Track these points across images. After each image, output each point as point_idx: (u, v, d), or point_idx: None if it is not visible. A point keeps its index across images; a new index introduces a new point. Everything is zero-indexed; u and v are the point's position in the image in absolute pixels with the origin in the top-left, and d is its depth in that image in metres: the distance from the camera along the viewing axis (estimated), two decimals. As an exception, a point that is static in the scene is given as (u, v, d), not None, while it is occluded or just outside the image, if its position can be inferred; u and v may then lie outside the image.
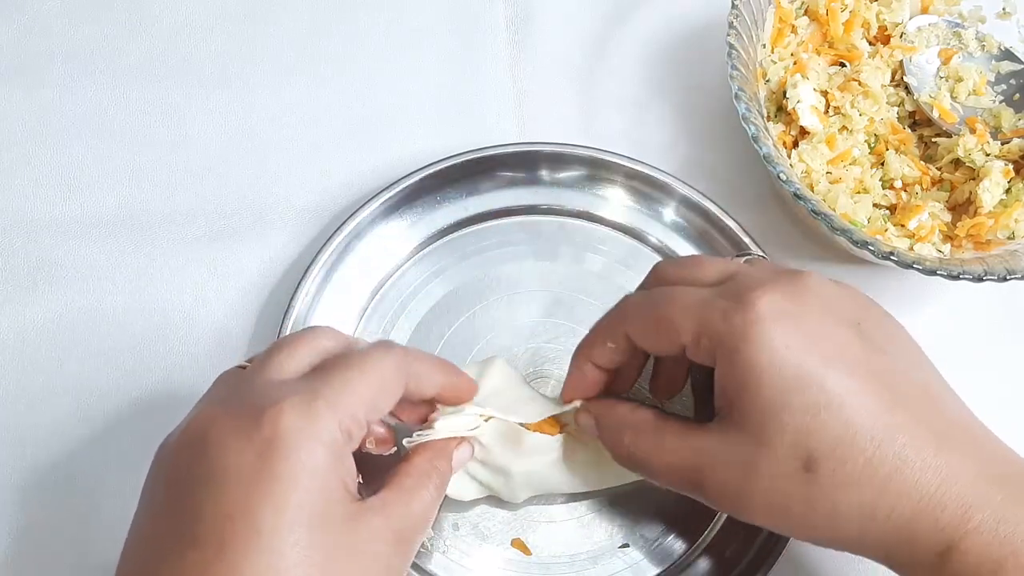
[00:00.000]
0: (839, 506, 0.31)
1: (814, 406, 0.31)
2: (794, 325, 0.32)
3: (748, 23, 0.49)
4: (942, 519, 0.30)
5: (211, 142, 0.52)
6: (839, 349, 0.32)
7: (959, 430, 0.32)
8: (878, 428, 0.31)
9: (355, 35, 0.56)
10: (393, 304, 0.47)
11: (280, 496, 0.29)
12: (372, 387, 0.33)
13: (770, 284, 0.33)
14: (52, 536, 0.43)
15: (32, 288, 0.48)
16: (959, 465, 0.31)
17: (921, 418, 0.31)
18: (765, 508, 0.33)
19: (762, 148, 0.45)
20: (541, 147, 0.49)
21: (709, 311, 0.33)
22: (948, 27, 0.54)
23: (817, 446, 0.31)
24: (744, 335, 0.31)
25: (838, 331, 0.32)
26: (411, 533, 0.34)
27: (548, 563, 0.42)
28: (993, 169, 0.48)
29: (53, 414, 0.46)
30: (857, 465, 0.31)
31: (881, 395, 0.31)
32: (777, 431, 0.31)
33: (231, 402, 0.32)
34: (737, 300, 0.32)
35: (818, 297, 0.33)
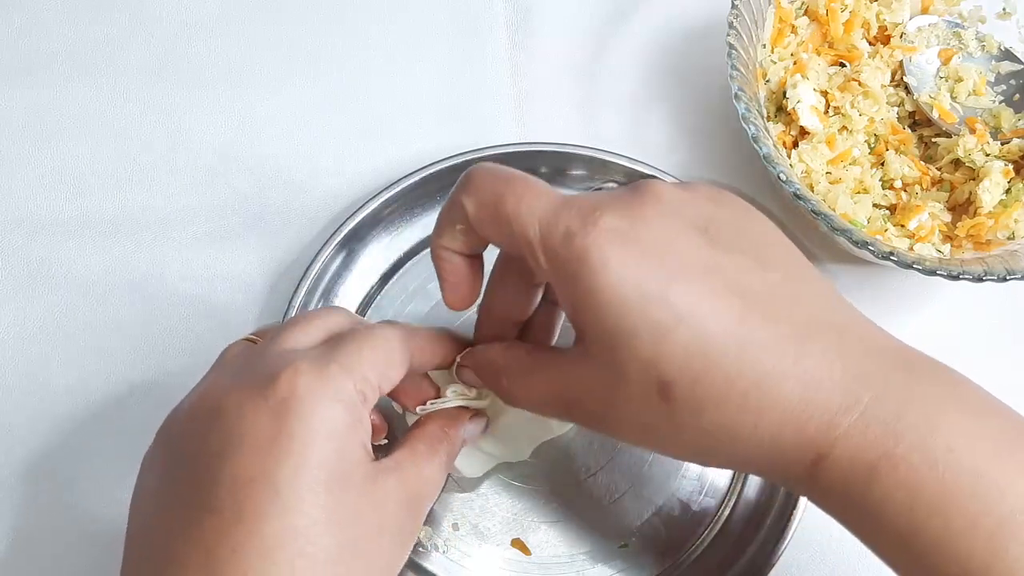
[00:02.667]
0: (703, 427, 0.29)
1: (660, 328, 0.28)
2: (635, 242, 0.29)
3: (748, 23, 0.49)
4: (808, 429, 0.28)
5: (211, 142, 0.52)
6: (683, 260, 0.29)
7: (821, 325, 0.30)
8: (730, 342, 0.28)
9: (355, 35, 0.56)
10: (393, 304, 0.47)
11: (299, 456, 0.29)
12: (381, 356, 0.33)
13: (611, 203, 0.30)
14: (52, 536, 0.43)
15: (32, 288, 0.48)
16: (822, 368, 0.28)
17: (777, 321, 0.29)
18: (632, 435, 0.32)
19: (762, 148, 0.45)
20: (541, 147, 0.49)
21: (552, 225, 0.30)
22: (948, 27, 0.54)
23: (669, 371, 0.29)
24: (583, 260, 0.29)
25: (682, 239, 0.30)
26: (422, 496, 0.34)
27: (548, 563, 0.42)
28: (993, 169, 0.48)
29: (53, 414, 0.46)
30: (713, 385, 0.28)
31: (731, 303, 0.29)
32: (626, 360, 0.29)
33: (244, 373, 0.32)
34: (580, 221, 0.30)
35: (661, 205, 0.30)
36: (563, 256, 0.30)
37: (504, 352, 0.36)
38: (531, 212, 0.31)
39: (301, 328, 0.34)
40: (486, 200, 0.32)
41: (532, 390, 0.34)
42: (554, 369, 0.33)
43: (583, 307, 0.30)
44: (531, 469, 0.43)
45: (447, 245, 0.34)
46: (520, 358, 0.35)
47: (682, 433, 0.30)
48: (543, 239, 0.30)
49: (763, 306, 0.29)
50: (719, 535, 0.43)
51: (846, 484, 0.29)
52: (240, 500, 0.29)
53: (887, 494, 0.28)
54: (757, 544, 0.42)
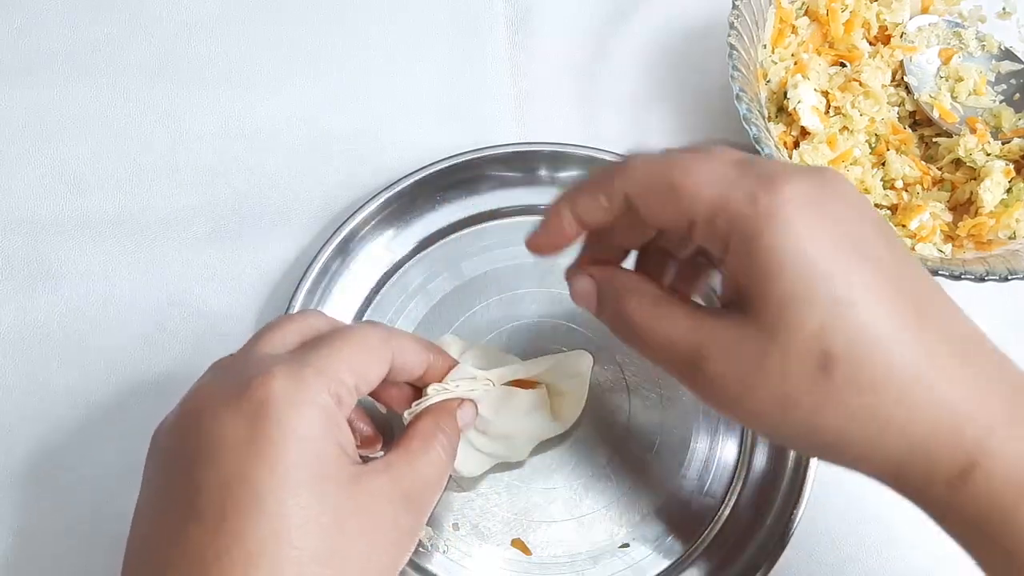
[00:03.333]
0: (851, 410, 0.28)
1: (840, 302, 0.28)
2: (824, 214, 0.29)
3: (749, 23, 0.49)
4: (964, 436, 0.28)
5: (211, 142, 0.52)
6: (867, 247, 0.29)
7: (981, 349, 0.30)
8: (904, 333, 0.28)
9: (355, 35, 0.56)
10: (393, 304, 0.47)
11: (275, 459, 0.29)
12: (358, 355, 0.33)
13: (798, 172, 0.30)
14: (52, 536, 0.43)
15: (32, 288, 0.48)
16: (984, 379, 0.29)
17: (945, 332, 0.29)
18: (768, 405, 0.30)
19: (763, 149, 0.45)
20: (541, 147, 0.49)
21: (733, 188, 0.29)
22: (948, 27, 0.54)
23: (837, 344, 0.28)
24: (769, 218, 0.28)
25: (865, 228, 0.30)
26: (420, 494, 0.34)
27: (548, 563, 0.42)
28: (994, 169, 0.48)
29: (53, 414, 0.46)
30: (878, 369, 0.28)
31: (907, 303, 0.29)
32: (796, 325, 0.28)
33: (221, 379, 0.33)
34: (766, 181, 0.29)
35: (844, 192, 0.30)
36: (747, 214, 0.29)
37: (639, 279, 0.34)
38: (704, 179, 0.30)
39: (277, 333, 0.34)
40: (651, 176, 0.31)
41: (665, 327, 0.32)
42: (696, 318, 0.32)
43: (760, 268, 0.29)
44: (531, 469, 0.43)
45: (578, 211, 0.33)
46: (656, 291, 0.33)
47: (826, 411, 0.29)
48: (722, 203, 0.29)
49: (934, 315, 0.29)
50: (719, 535, 0.43)
51: (991, 498, 0.28)
52: (222, 506, 0.29)
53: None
54: (757, 544, 0.42)
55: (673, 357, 0.32)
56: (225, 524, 0.29)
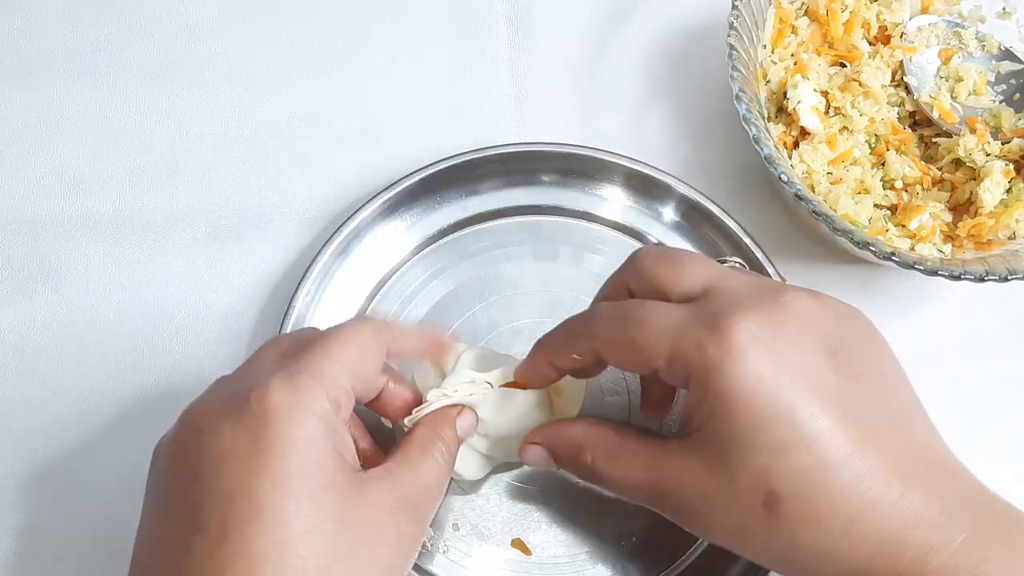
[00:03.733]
0: (798, 543, 0.31)
1: (781, 444, 0.30)
2: (769, 355, 0.31)
3: (748, 24, 0.49)
4: (901, 561, 0.30)
5: (211, 142, 0.52)
6: (812, 380, 0.31)
7: (927, 461, 0.32)
8: (844, 470, 0.30)
9: (355, 35, 0.56)
10: (393, 304, 0.47)
11: (276, 469, 0.29)
12: (352, 354, 0.33)
13: (748, 307, 0.32)
14: (52, 536, 0.43)
15: (32, 288, 0.48)
16: (924, 505, 0.30)
17: (889, 452, 0.30)
18: (723, 536, 0.33)
19: (763, 149, 0.45)
20: (541, 147, 0.49)
21: (683, 339, 0.32)
22: (948, 27, 0.54)
23: (780, 484, 0.30)
24: (717, 366, 0.31)
25: (814, 359, 0.31)
26: (421, 501, 0.34)
27: (548, 563, 0.42)
28: (994, 169, 0.48)
29: (53, 414, 0.46)
30: (820, 506, 0.30)
31: (849, 431, 0.30)
32: (741, 466, 0.31)
33: (219, 394, 0.33)
34: (712, 327, 0.31)
35: (797, 319, 0.32)
36: (698, 363, 0.31)
37: (588, 430, 0.36)
38: (657, 331, 0.32)
39: (271, 346, 0.35)
40: (612, 334, 0.34)
41: (623, 472, 0.35)
42: (652, 456, 0.34)
43: (710, 409, 0.31)
44: (531, 469, 0.43)
45: (555, 363, 0.37)
46: (608, 437, 0.36)
47: (775, 544, 0.31)
48: (674, 353, 0.32)
49: (878, 436, 0.31)
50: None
51: None
52: (224, 518, 0.29)
53: None
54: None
55: (647, 498, 0.34)
56: (228, 536, 0.29)
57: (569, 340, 0.36)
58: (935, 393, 0.48)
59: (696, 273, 0.34)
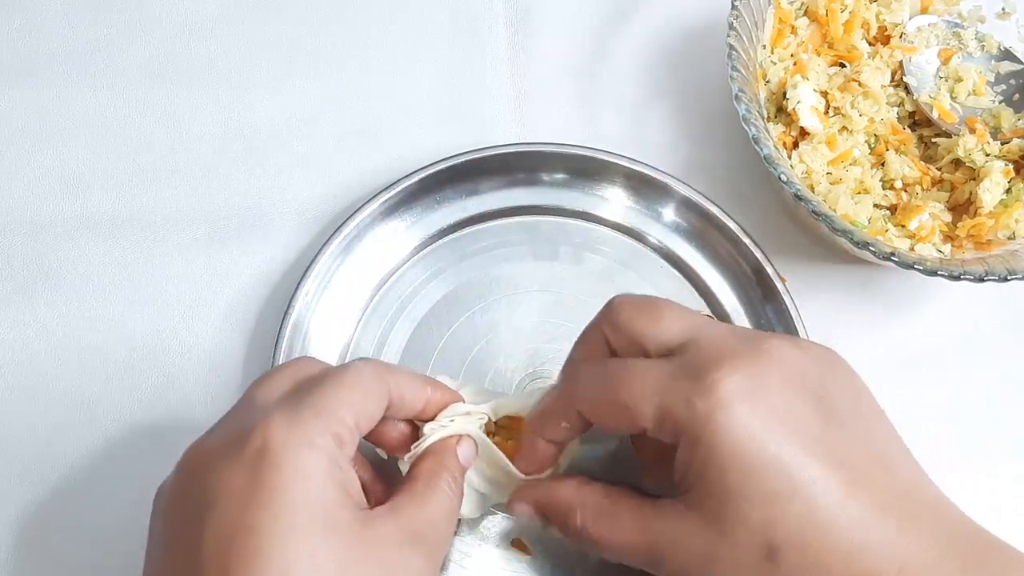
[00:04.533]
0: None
1: (776, 495, 0.30)
2: (757, 407, 0.31)
3: (748, 24, 0.49)
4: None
5: (211, 142, 0.52)
6: (801, 430, 0.31)
7: (915, 499, 0.32)
8: (839, 514, 0.30)
9: (355, 35, 0.56)
10: (393, 304, 0.47)
11: (276, 506, 0.29)
12: (355, 393, 0.32)
13: (732, 359, 0.32)
14: (51, 535, 0.43)
15: (32, 288, 0.48)
16: (917, 543, 0.30)
17: (878, 493, 0.31)
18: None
19: (763, 149, 0.45)
20: (541, 147, 0.49)
21: (670, 396, 0.32)
22: (948, 27, 0.54)
23: (778, 536, 0.30)
24: (707, 422, 0.31)
25: (800, 408, 0.31)
26: (431, 534, 0.33)
27: (548, 563, 0.42)
28: (993, 169, 0.48)
29: (52, 413, 0.45)
30: (820, 553, 0.30)
31: (841, 476, 0.30)
32: (738, 521, 0.30)
33: (218, 432, 0.32)
34: (698, 381, 0.31)
35: (781, 369, 0.32)
36: (686, 421, 0.31)
37: (578, 490, 0.36)
38: (643, 390, 0.32)
39: (269, 383, 0.34)
40: (598, 398, 0.34)
41: (616, 535, 0.34)
42: (646, 518, 0.33)
43: (701, 466, 0.31)
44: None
45: (549, 436, 0.36)
46: (599, 500, 0.35)
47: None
48: (663, 412, 0.32)
49: (868, 479, 0.31)
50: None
51: None
52: (224, 558, 0.28)
53: None
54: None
55: (644, 559, 0.34)
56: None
57: (555, 411, 0.36)
58: (935, 393, 0.48)
59: (674, 324, 0.34)
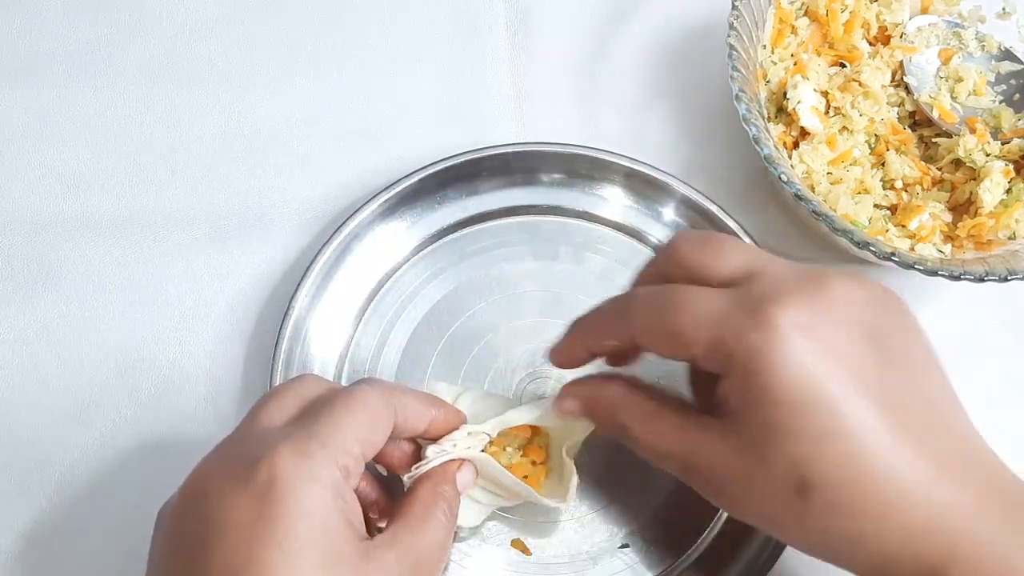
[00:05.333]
0: (829, 530, 0.31)
1: (819, 433, 0.30)
2: (812, 344, 0.30)
3: (748, 24, 0.49)
4: (930, 550, 0.30)
5: (211, 142, 0.52)
6: (854, 369, 0.31)
7: (961, 452, 0.31)
8: (881, 460, 0.30)
9: (355, 35, 0.56)
10: (393, 304, 0.47)
11: (283, 540, 0.29)
12: (362, 420, 0.32)
13: (791, 296, 0.31)
14: (51, 535, 0.43)
15: (32, 288, 0.48)
16: (956, 495, 0.30)
17: (926, 443, 0.30)
18: (755, 517, 0.33)
19: (763, 149, 0.45)
20: (541, 147, 0.49)
21: (724, 327, 0.31)
22: (948, 27, 0.54)
23: (814, 473, 0.30)
24: (758, 355, 0.30)
25: (855, 347, 0.31)
26: (428, 563, 0.33)
27: (548, 563, 0.42)
28: (993, 169, 0.48)
29: (52, 413, 0.45)
30: (853, 495, 0.30)
31: (888, 420, 0.30)
32: (777, 453, 0.30)
33: (224, 458, 0.32)
34: (754, 315, 0.31)
35: (840, 308, 0.31)
36: (739, 352, 0.31)
37: (626, 392, 0.36)
38: (697, 319, 0.32)
39: (275, 404, 0.34)
40: (651, 323, 0.33)
41: (655, 438, 0.34)
42: (686, 429, 0.34)
43: (749, 396, 0.31)
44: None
45: (590, 347, 0.37)
46: (644, 402, 0.35)
47: (805, 529, 0.31)
48: (716, 342, 0.31)
49: (915, 426, 0.31)
50: (719, 535, 0.43)
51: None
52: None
53: None
54: (757, 545, 0.42)
55: (666, 464, 0.34)
56: None
57: (607, 324, 0.36)
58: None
59: (737, 257, 0.34)
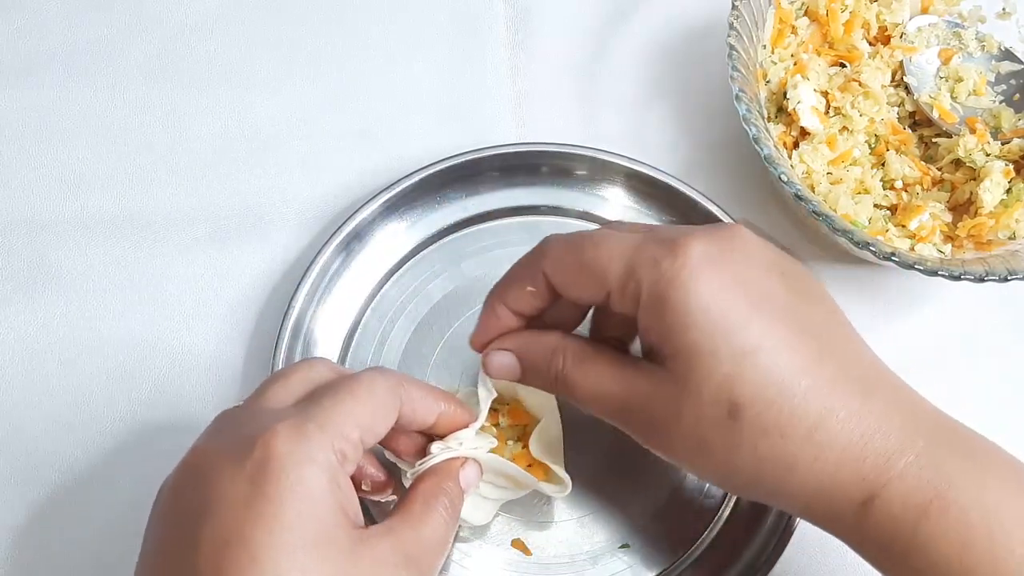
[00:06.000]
0: (761, 453, 0.31)
1: (741, 352, 0.30)
2: (723, 270, 0.31)
3: (748, 24, 0.49)
4: (864, 468, 0.30)
5: (211, 142, 0.52)
6: (767, 296, 0.31)
7: (881, 380, 0.32)
8: (805, 377, 0.30)
9: (355, 35, 0.56)
10: (393, 304, 0.47)
11: (273, 519, 0.29)
12: (364, 407, 0.32)
13: (700, 233, 0.32)
14: (51, 535, 0.43)
15: (32, 288, 0.48)
16: (884, 415, 0.30)
17: (847, 367, 0.31)
18: (687, 451, 0.33)
19: (763, 149, 0.45)
20: (541, 147, 0.49)
21: (638, 255, 0.32)
22: (948, 27, 0.54)
23: (742, 393, 0.30)
24: (673, 280, 0.31)
25: (767, 278, 0.32)
26: (425, 557, 0.33)
27: (548, 563, 0.42)
28: (993, 169, 0.48)
29: (52, 413, 0.46)
30: (782, 413, 0.30)
31: (808, 344, 0.31)
32: (703, 377, 0.31)
33: (224, 434, 0.32)
34: (668, 245, 0.32)
35: (746, 245, 0.33)
36: (651, 280, 0.31)
37: (562, 337, 0.36)
38: (611, 251, 0.33)
39: (282, 384, 0.34)
40: (565, 257, 0.34)
41: (593, 381, 0.34)
42: (623, 369, 0.34)
43: (666, 326, 0.31)
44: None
45: (509, 303, 0.36)
46: (583, 346, 0.35)
47: (739, 454, 0.31)
48: (629, 271, 0.32)
49: (835, 351, 0.31)
50: (719, 535, 0.43)
51: (894, 523, 0.30)
52: (217, 565, 0.28)
53: (936, 534, 0.29)
54: (757, 544, 0.42)
55: (600, 409, 0.35)
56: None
57: (519, 271, 0.36)
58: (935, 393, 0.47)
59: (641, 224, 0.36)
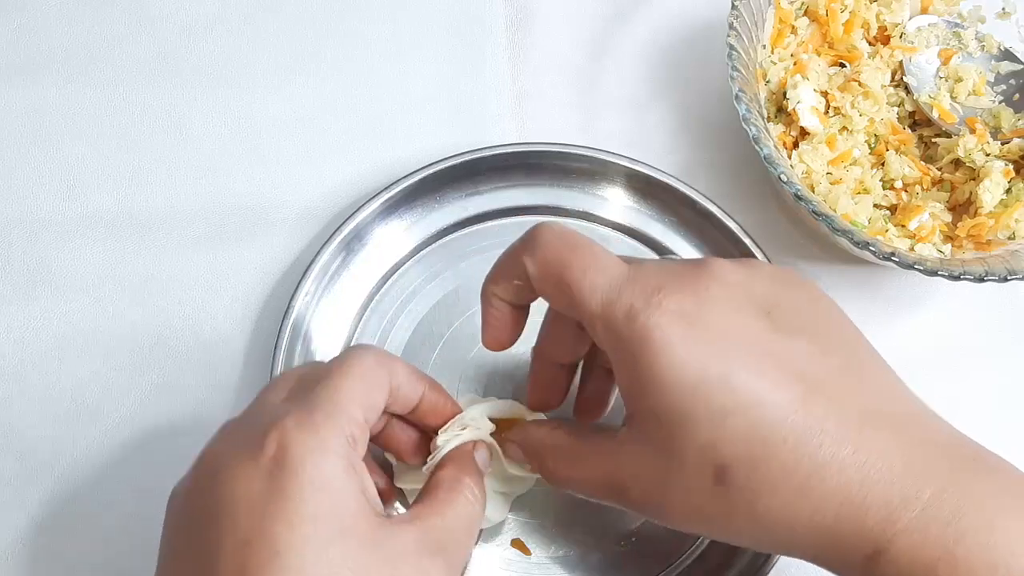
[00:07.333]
0: (757, 514, 0.29)
1: (720, 412, 0.29)
2: (698, 324, 0.30)
3: (748, 24, 0.49)
4: (868, 520, 0.28)
5: (211, 142, 0.52)
6: (746, 343, 0.30)
7: (881, 415, 0.30)
8: (790, 428, 0.29)
9: (355, 35, 0.56)
10: (393, 304, 0.47)
11: (293, 513, 0.28)
12: (360, 384, 0.32)
13: (675, 280, 0.31)
14: (51, 536, 0.43)
15: (32, 288, 0.48)
16: (881, 460, 0.29)
17: (840, 405, 0.29)
18: (686, 520, 0.32)
19: (763, 149, 0.45)
20: (541, 147, 0.49)
21: (615, 304, 0.31)
22: (948, 27, 0.54)
23: (726, 455, 0.29)
24: (644, 339, 0.30)
25: (746, 321, 0.30)
26: (451, 544, 0.33)
27: (548, 563, 0.42)
28: (993, 169, 0.48)
29: (52, 414, 0.46)
30: (771, 471, 0.29)
31: (792, 389, 0.29)
32: (683, 444, 0.30)
33: (232, 435, 0.32)
34: (645, 297, 0.30)
35: (724, 287, 0.31)
36: (625, 334, 0.30)
37: (550, 433, 0.36)
38: (594, 286, 0.31)
39: (283, 384, 0.34)
40: (550, 265, 0.33)
41: (579, 473, 0.34)
42: (602, 453, 0.33)
43: (641, 387, 0.30)
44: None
45: (500, 294, 0.35)
46: (565, 443, 0.35)
47: (736, 518, 0.30)
48: (605, 315, 0.31)
49: (823, 392, 0.29)
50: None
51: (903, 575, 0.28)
52: (240, 566, 0.28)
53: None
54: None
55: (606, 494, 0.34)
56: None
57: (506, 264, 0.35)
58: (935, 393, 0.47)
59: None
